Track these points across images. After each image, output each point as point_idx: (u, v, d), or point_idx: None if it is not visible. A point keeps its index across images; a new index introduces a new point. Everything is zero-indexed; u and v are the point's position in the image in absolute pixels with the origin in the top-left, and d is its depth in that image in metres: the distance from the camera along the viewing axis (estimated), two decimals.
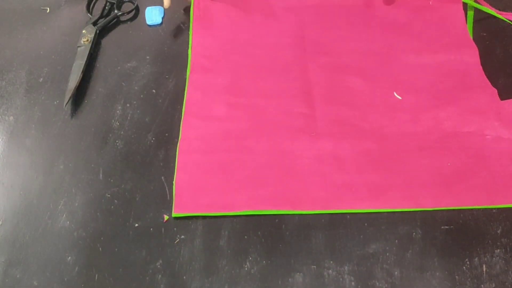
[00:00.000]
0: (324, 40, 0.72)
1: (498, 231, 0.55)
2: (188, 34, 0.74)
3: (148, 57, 0.73)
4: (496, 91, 0.66)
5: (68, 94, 0.67)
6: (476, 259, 0.53)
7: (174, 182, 0.59)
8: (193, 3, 0.76)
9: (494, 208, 0.56)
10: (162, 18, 0.78)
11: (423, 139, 0.61)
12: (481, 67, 0.69)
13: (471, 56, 0.70)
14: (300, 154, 0.60)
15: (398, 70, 0.69)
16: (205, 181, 0.58)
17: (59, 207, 0.58)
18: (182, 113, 0.65)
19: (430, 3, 0.75)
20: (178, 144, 0.62)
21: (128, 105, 0.67)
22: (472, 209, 0.56)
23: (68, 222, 0.57)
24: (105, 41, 0.76)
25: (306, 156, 0.60)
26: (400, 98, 0.65)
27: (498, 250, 0.54)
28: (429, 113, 0.64)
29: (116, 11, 0.78)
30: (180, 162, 0.60)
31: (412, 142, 0.61)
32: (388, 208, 0.56)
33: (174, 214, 0.56)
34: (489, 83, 0.67)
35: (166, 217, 0.57)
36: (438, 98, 0.65)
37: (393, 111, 0.64)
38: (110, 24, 0.77)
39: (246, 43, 0.72)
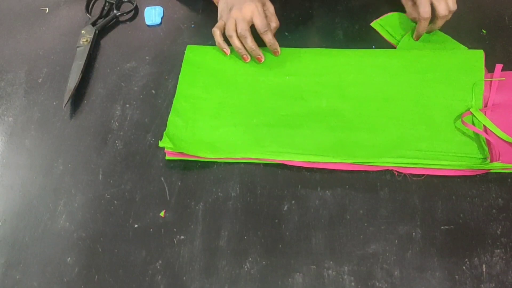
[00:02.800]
0: None
1: (498, 231, 0.55)
2: (187, 34, 0.74)
3: (147, 58, 0.73)
4: None
5: (68, 94, 0.67)
6: (476, 259, 0.53)
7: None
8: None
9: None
10: (162, 18, 0.77)
11: None
12: None
13: None
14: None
15: None
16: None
17: (59, 207, 0.58)
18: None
19: None
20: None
21: (127, 105, 0.67)
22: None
23: (67, 223, 0.57)
24: (104, 42, 0.75)
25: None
26: None
27: (498, 250, 0.54)
28: None
29: (115, 11, 0.78)
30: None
31: None
32: None
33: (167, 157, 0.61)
34: None
35: (162, 213, 0.57)
36: None
37: None
38: (109, 24, 0.77)
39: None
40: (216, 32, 0.68)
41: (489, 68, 0.67)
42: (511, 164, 0.58)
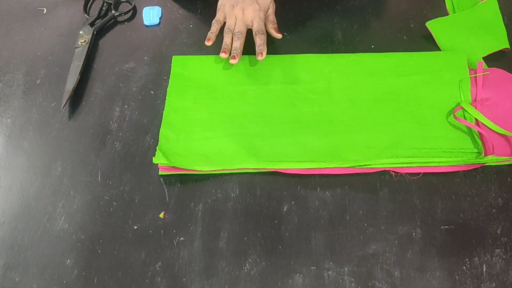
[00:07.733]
0: None
1: (498, 231, 0.55)
2: (186, 34, 0.74)
3: (146, 58, 0.72)
4: None
5: (66, 95, 0.67)
6: (476, 258, 0.53)
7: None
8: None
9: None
10: (160, 18, 0.77)
11: None
12: None
13: None
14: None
15: None
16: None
17: (58, 209, 0.58)
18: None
19: None
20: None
21: (126, 106, 0.67)
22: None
23: (66, 224, 0.57)
24: (102, 42, 0.75)
25: None
26: None
27: (498, 249, 0.54)
28: None
29: (113, 11, 0.78)
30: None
31: None
32: None
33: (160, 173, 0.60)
34: None
35: (161, 215, 0.57)
36: None
37: None
38: (108, 24, 0.77)
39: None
40: (215, 25, 0.70)
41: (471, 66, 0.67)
42: (506, 157, 0.59)
